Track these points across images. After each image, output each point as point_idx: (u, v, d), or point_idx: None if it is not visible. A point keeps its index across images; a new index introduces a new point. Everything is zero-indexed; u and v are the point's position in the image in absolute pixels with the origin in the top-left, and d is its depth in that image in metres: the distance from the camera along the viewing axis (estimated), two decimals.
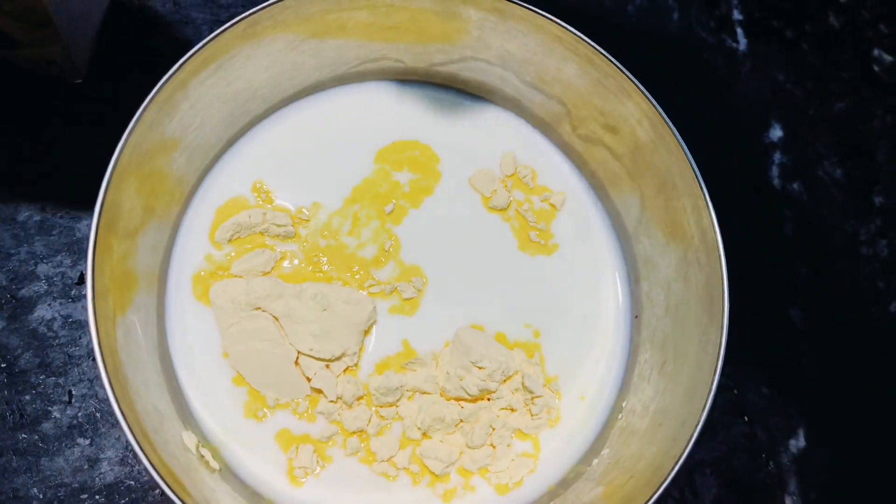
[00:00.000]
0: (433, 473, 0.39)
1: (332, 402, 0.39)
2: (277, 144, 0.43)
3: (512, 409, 0.40)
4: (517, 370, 0.40)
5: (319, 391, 0.39)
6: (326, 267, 0.41)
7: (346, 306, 0.40)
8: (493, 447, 0.40)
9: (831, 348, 0.49)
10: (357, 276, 0.41)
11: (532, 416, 0.40)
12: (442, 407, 0.39)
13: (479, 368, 0.39)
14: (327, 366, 0.39)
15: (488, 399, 0.40)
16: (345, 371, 0.40)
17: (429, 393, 0.40)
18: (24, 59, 0.42)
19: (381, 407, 0.39)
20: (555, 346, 0.42)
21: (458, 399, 0.40)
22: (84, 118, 0.44)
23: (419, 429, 0.39)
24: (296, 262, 0.41)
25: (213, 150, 0.42)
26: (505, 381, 0.40)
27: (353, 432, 0.39)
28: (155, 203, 0.38)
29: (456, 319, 0.42)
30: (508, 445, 0.40)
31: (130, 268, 0.36)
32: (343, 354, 0.39)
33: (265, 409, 0.39)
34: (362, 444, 0.39)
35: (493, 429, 0.40)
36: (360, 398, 0.39)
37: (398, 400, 0.39)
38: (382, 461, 0.39)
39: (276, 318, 0.39)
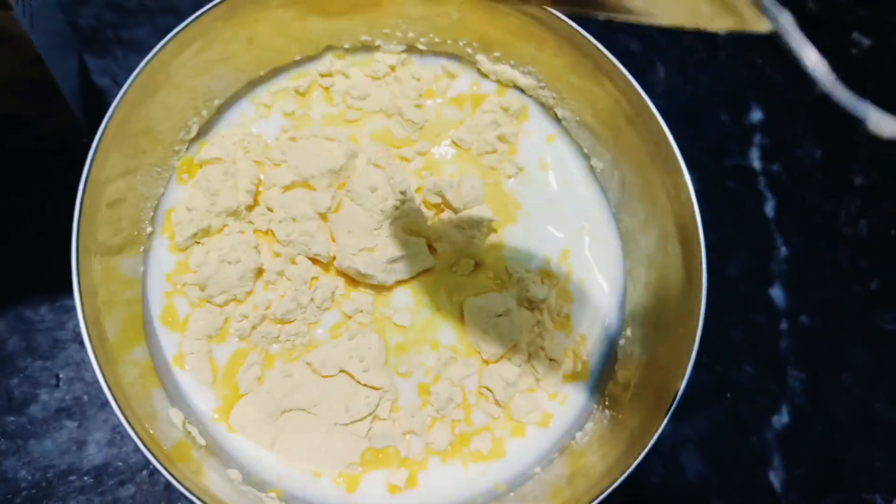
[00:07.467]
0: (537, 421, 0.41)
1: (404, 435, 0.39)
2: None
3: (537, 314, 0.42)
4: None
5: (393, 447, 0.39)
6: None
7: (355, 357, 0.39)
8: (553, 360, 0.41)
9: (813, 327, 0.49)
10: None
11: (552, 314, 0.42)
12: (491, 373, 0.40)
13: (501, 315, 0.40)
14: (374, 418, 0.39)
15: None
16: (392, 410, 0.39)
17: (472, 373, 0.41)
18: (33, 139, 0.41)
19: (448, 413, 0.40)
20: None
21: (508, 355, 0.41)
22: None
23: (498, 405, 0.40)
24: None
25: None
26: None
27: (444, 450, 0.39)
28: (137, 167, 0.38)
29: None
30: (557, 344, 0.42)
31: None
32: (383, 391, 0.39)
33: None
34: (463, 448, 0.40)
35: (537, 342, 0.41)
36: (431, 422, 0.40)
37: (463, 399, 0.40)
38: (480, 446, 0.40)
39: (306, 410, 0.39)
